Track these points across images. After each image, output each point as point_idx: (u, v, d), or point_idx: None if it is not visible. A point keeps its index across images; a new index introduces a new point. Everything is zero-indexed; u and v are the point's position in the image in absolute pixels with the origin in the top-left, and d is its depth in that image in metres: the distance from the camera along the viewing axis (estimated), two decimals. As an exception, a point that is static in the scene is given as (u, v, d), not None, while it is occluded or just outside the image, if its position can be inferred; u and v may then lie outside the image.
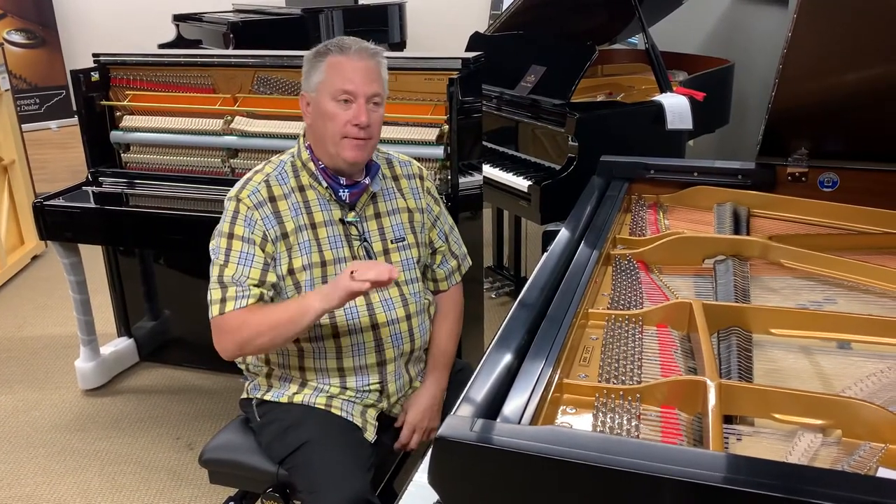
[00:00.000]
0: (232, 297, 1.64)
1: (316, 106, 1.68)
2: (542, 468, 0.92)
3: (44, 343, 3.50)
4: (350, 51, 1.66)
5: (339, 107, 1.65)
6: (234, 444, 1.82)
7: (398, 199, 1.83)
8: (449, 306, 1.93)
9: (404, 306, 1.77)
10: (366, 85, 1.65)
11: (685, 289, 1.56)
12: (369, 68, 1.66)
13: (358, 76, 1.65)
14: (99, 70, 2.84)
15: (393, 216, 1.81)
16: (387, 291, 1.75)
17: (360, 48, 1.67)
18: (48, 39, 5.53)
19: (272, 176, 1.74)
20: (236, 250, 1.67)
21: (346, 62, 1.65)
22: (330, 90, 1.65)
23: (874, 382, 1.17)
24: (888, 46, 1.62)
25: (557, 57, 3.05)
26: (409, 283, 1.80)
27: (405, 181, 1.86)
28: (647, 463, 0.87)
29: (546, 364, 1.14)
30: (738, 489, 0.84)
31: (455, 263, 1.95)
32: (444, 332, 1.89)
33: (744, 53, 3.87)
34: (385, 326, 1.74)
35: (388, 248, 1.78)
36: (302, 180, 1.74)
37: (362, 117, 1.64)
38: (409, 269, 1.80)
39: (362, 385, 1.75)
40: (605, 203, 1.85)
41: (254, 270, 1.66)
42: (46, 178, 4.67)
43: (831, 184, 1.88)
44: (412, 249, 1.82)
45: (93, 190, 2.84)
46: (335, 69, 1.66)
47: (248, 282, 1.65)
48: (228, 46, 4.27)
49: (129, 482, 2.55)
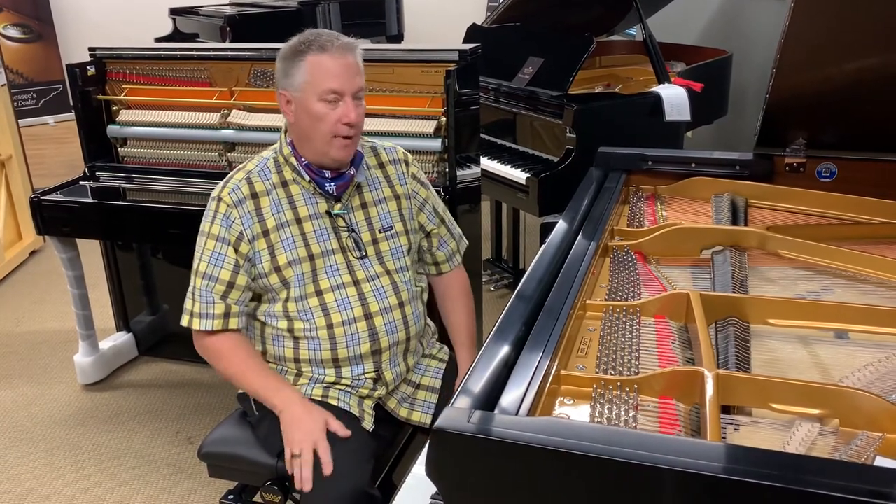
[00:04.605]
0: (197, 313, 1.70)
1: (301, 106, 1.67)
2: (539, 459, 0.92)
3: (42, 338, 3.50)
4: (331, 48, 1.64)
5: (327, 106, 1.65)
6: (233, 438, 1.83)
7: (384, 188, 1.83)
8: (458, 288, 1.97)
9: (396, 294, 1.78)
10: (351, 81, 1.65)
11: (683, 280, 1.56)
12: (353, 63, 1.66)
13: (343, 74, 1.64)
14: (95, 64, 2.84)
15: (380, 205, 1.81)
16: (378, 280, 1.76)
17: (340, 45, 1.65)
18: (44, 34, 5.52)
19: (254, 172, 1.75)
20: (209, 249, 1.70)
21: (328, 60, 1.64)
22: (316, 90, 1.64)
23: (871, 372, 1.17)
24: (885, 36, 1.61)
25: (555, 48, 3.05)
26: (399, 272, 1.80)
27: (391, 167, 1.86)
28: (644, 453, 0.88)
29: (544, 355, 1.14)
30: (736, 479, 0.84)
31: (454, 245, 1.96)
32: (460, 314, 1.94)
33: (742, 44, 3.87)
34: (378, 315, 1.74)
35: (376, 237, 1.79)
36: (285, 175, 1.75)
37: (352, 116, 1.64)
38: (398, 257, 1.81)
39: (357, 374, 1.76)
40: (603, 194, 1.85)
41: (223, 272, 1.69)
42: (44, 173, 4.67)
43: (829, 174, 1.88)
44: (401, 237, 1.82)
45: (90, 184, 2.84)
46: (319, 68, 1.64)
47: (214, 288, 1.69)
48: (225, 40, 4.26)
49: (129, 476, 2.55)
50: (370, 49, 3.05)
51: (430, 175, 2.45)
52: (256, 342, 1.81)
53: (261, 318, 1.77)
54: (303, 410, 1.65)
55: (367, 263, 1.76)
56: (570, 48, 2.97)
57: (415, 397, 1.86)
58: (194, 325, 1.71)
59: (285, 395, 1.68)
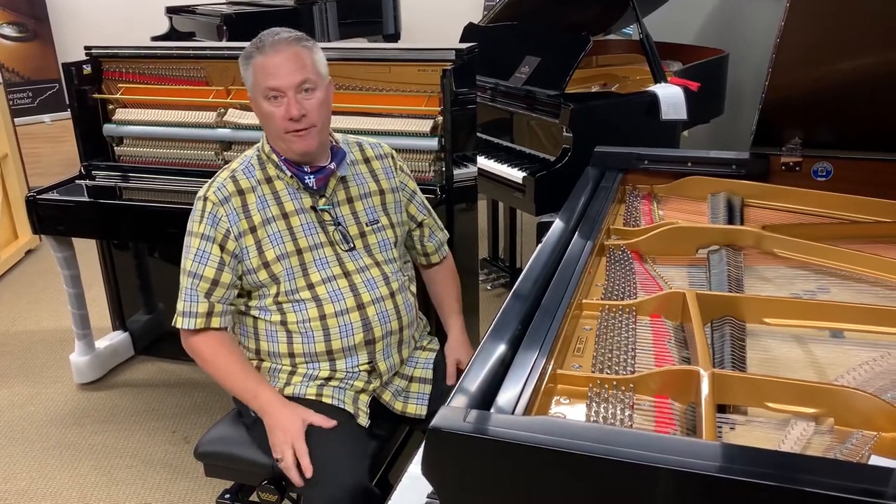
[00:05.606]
0: (181, 311, 1.73)
1: (255, 107, 1.73)
2: (535, 458, 0.92)
3: (39, 337, 3.50)
4: (266, 48, 1.66)
5: (272, 105, 1.67)
6: (230, 437, 1.83)
7: (370, 183, 1.86)
8: (446, 273, 2.04)
9: (387, 284, 1.79)
10: (289, 76, 1.65)
11: (679, 279, 1.56)
12: (290, 58, 1.66)
13: (280, 70, 1.65)
14: (91, 63, 2.83)
15: (365, 199, 1.83)
16: (368, 272, 1.78)
17: (275, 41, 1.67)
18: (40, 32, 5.50)
19: (238, 171, 1.77)
20: (195, 247, 1.72)
21: (265, 60, 1.66)
22: (260, 91, 1.68)
23: (867, 371, 1.17)
24: (881, 35, 1.62)
25: (552, 48, 3.05)
26: (388, 263, 1.83)
27: (377, 162, 1.89)
28: (640, 452, 0.88)
29: (540, 355, 1.14)
30: (732, 478, 0.84)
31: (441, 235, 2.02)
32: (450, 287, 2.03)
33: (738, 43, 3.87)
34: (371, 305, 1.76)
35: (363, 230, 1.81)
36: (269, 171, 1.77)
37: (293, 111, 1.65)
38: (386, 249, 1.83)
39: (352, 366, 1.77)
40: (600, 194, 1.85)
41: (208, 269, 1.71)
42: (40, 172, 4.65)
43: (825, 173, 1.88)
44: (388, 230, 1.84)
45: (86, 183, 2.83)
46: (259, 70, 1.67)
47: (198, 286, 1.70)
48: (222, 38, 4.25)
49: (126, 476, 2.55)
50: (367, 48, 3.06)
51: (426, 174, 2.45)
52: (250, 339, 1.81)
53: (253, 312, 1.78)
54: (279, 413, 1.66)
55: (356, 255, 1.78)
56: (567, 47, 2.97)
57: (409, 390, 1.88)
58: (178, 324, 1.74)
59: (263, 399, 1.69)
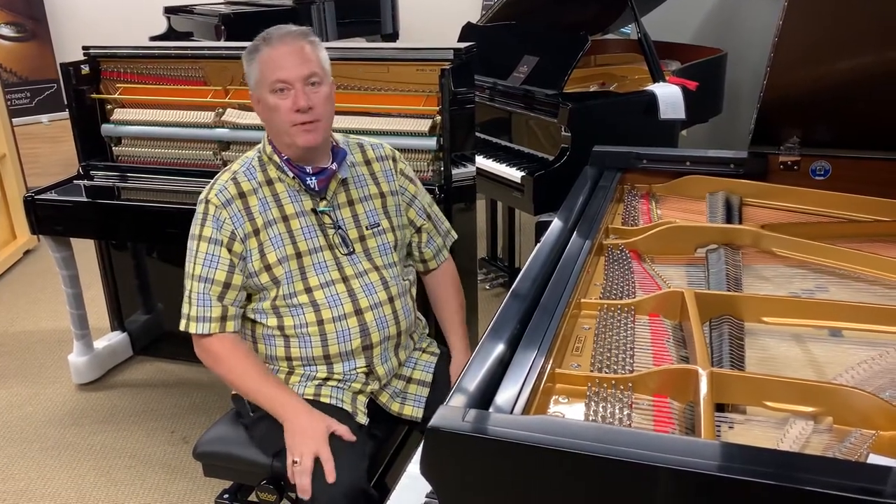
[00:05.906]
0: (194, 316, 1.71)
1: (261, 102, 1.72)
2: (534, 458, 0.92)
3: (37, 338, 3.49)
4: (273, 40, 1.68)
5: (279, 97, 1.67)
6: (228, 437, 1.82)
7: (371, 186, 1.85)
8: (447, 281, 2.01)
9: (385, 289, 1.78)
10: (297, 68, 1.66)
11: (677, 278, 1.56)
12: (297, 51, 1.67)
13: (287, 62, 1.66)
14: (89, 63, 2.83)
15: (366, 202, 1.82)
16: (366, 276, 1.77)
17: (282, 34, 1.69)
18: (38, 32, 5.50)
19: (239, 172, 1.76)
20: (202, 252, 1.71)
21: (272, 52, 1.67)
22: (267, 84, 1.68)
23: (865, 370, 1.17)
24: (879, 34, 1.62)
25: (550, 47, 3.05)
26: (387, 267, 1.81)
27: (378, 164, 1.88)
28: (639, 452, 0.88)
29: (538, 354, 1.14)
30: (730, 477, 0.84)
31: (440, 241, 1.99)
32: (452, 302, 1.99)
33: (736, 43, 3.87)
34: (369, 311, 1.75)
35: (363, 234, 1.80)
36: (270, 174, 1.76)
37: (301, 101, 1.66)
38: (385, 253, 1.82)
39: (349, 369, 1.76)
40: (598, 193, 1.85)
41: (219, 272, 1.70)
42: (38, 172, 4.65)
43: (823, 172, 1.88)
44: (388, 234, 1.83)
45: (84, 183, 2.83)
46: (266, 63, 1.68)
47: (211, 290, 1.70)
48: (220, 38, 4.25)
49: (124, 476, 2.55)
50: (365, 48, 3.05)
51: (424, 174, 2.45)
52: (247, 342, 1.81)
53: (252, 315, 1.77)
54: (307, 420, 1.65)
55: (355, 260, 1.77)
56: (565, 47, 2.97)
57: (406, 391, 1.87)
58: (191, 329, 1.72)
59: (285, 402, 1.67)
